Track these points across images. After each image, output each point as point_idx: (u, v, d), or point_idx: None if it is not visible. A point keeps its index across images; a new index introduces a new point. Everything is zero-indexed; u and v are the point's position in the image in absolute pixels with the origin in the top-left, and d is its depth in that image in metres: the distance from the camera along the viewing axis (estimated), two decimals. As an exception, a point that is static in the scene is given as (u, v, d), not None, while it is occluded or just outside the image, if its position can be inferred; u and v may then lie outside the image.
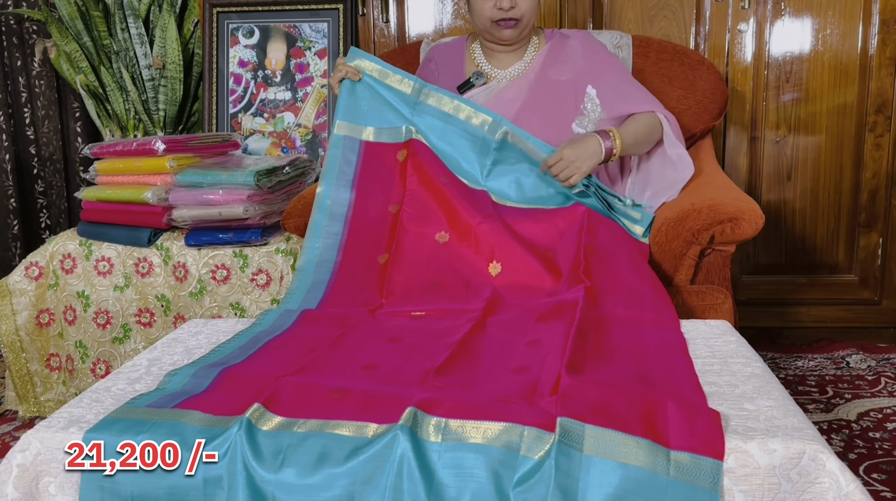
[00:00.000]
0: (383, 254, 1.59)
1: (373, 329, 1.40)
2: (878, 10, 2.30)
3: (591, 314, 1.35)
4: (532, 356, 1.22)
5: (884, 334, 2.49)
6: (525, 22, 1.77)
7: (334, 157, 1.68)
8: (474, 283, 1.54)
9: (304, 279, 1.58)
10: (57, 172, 2.88)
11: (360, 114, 1.71)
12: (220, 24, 2.47)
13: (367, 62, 1.73)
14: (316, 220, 1.64)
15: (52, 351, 2.14)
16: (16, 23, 2.79)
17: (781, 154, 2.42)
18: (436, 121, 1.71)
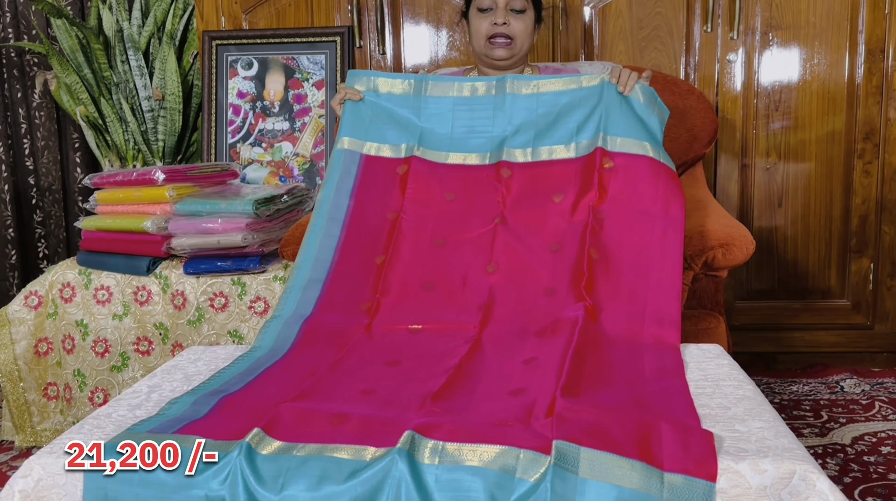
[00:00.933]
0: (380, 256, 1.60)
1: (370, 350, 1.41)
2: (864, 40, 2.35)
3: (590, 333, 1.36)
4: (529, 377, 1.24)
5: (877, 358, 2.51)
6: (518, 44, 1.88)
7: (335, 169, 1.71)
8: (471, 281, 1.54)
9: (300, 276, 1.58)
10: (56, 202, 2.91)
11: (363, 131, 1.74)
12: (219, 57, 2.51)
13: (365, 79, 1.77)
14: (315, 222, 1.65)
15: (50, 380, 2.14)
16: (17, 55, 2.84)
17: (772, 181, 2.45)
18: (443, 108, 1.74)
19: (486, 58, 1.91)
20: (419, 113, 1.74)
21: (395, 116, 1.74)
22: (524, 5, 1.87)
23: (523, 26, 1.87)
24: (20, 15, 2.81)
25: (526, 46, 1.91)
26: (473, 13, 1.90)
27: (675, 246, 1.49)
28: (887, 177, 2.41)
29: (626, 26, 2.40)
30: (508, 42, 1.87)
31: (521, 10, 1.87)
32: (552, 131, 1.68)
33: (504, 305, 1.50)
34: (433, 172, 1.69)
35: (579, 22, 2.42)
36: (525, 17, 1.88)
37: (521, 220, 1.61)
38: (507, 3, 1.85)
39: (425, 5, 2.47)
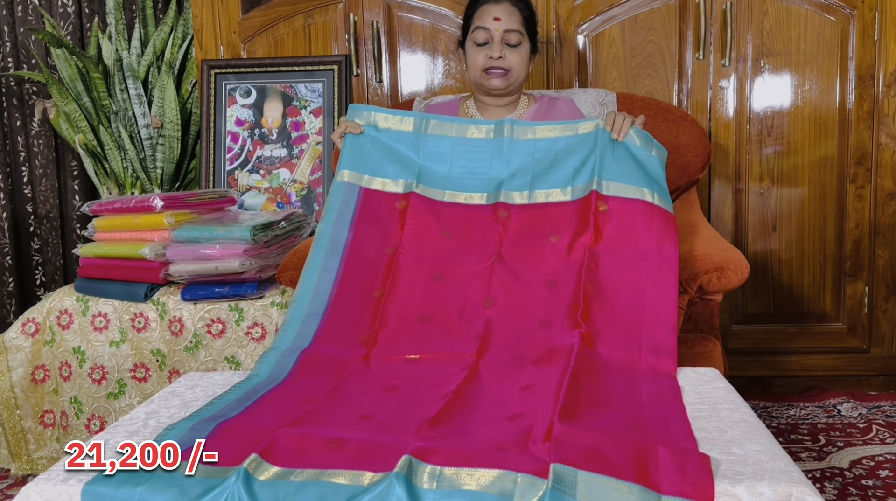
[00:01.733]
0: (378, 289, 1.61)
1: (368, 377, 1.41)
2: (855, 66, 2.39)
3: (586, 359, 1.36)
4: (526, 402, 1.24)
5: (874, 382, 2.51)
6: (514, 75, 1.91)
7: (334, 201, 1.72)
8: (468, 315, 1.55)
9: (299, 309, 1.59)
10: (53, 230, 2.92)
11: (362, 164, 1.76)
12: (217, 85, 2.54)
13: (366, 113, 1.80)
14: (313, 255, 1.65)
15: (47, 408, 2.14)
16: (16, 84, 2.86)
17: (766, 205, 2.47)
18: (442, 148, 1.76)
19: (483, 87, 1.94)
20: (418, 150, 1.76)
21: (395, 152, 1.76)
22: (519, 39, 1.90)
23: (519, 58, 1.90)
24: (20, 44, 2.84)
25: (522, 77, 1.94)
26: (470, 45, 1.93)
27: (669, 282, 1.51)
28: (880, 201, 2.43)
29: (620, 54, 2.44)
30: (504, 73, 1.90)
31: (517, 43, 1.90)
32: (548, 175, 1.71)
33: (500, 336, 1.51)
34: (431, 209, 1.71)
35: (573, 50, 2.45)
36: (520, 49, 1.90)
37: (517, 258, 1.63)
38: (502, 37, 1.88)
39: (421, 34, 2.50)
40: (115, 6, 2.62)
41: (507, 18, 1.88)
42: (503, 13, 1.88)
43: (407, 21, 2.50)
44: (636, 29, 2.42)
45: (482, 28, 1.88)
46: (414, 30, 2.50)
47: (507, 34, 1.88)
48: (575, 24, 2.44)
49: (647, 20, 2.41)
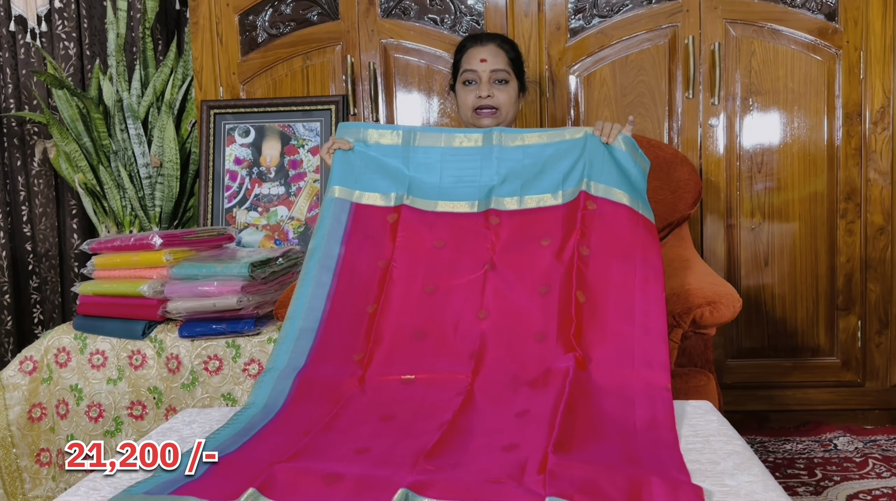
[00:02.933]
0: (372, 305, 1.61)
1: (364, 405, 1.42)
2: (842, 104, 2.44)
3: (580, 385, 1.36)
4: (521, 431, 1.25)
5: (869, 416, 2.52)
6: (503, 112, 1.98)
7: (325, 217, 1.73)
8: (462, 329, 1.55)
9: (292, 326, 1.58)
10: (52, 268, 2.94)
11: (352, 179, 1.77)
12: (217, 125, 2.58)
13: (354, 130, 1.82)
14: (307, 270, 1.66)
15: (43, 446, 2.13)
16: (17, 125, 2.90)
17: (758, 240, 2.50)
18: (432, 159, 1.78)
19: (474, 126, 2.00)
20: (408, 162, 1.78)
21: (384, 166, 1.78)
22: (506, 77, 1.98)
23: (507, 96, 1.98)
24: (22, 86, 2.89)
25: (511, 114, 2.01)
26: (460, 87, 2.02)
27: (656, 290, 1.52)
28: (870, 235, 2.46)
29: (611, 93, 2.49)
30: (494, 111, 1.98)
31: (505, 80, 1.98)
32: (539, 181, 1.73)
33: (495, 351, 1.51)
34: (422, 220, 1.72)
35: (566, 89, 2.50)
36: (509, 87, 1.99)
37: (510, 265, 1.63)
38: (490, 76, 1.97)
39: (417, 75, 2.55)
40: (117, 48, 2.67)
41: (493, 59, 1.97)
42: (489, 54, 1.98)
43: (403, 62, 2.55)
44: (627, 69, 2.47)
45: (470, 70, 1.98)
46: (410, 70, 2.55)
47: (494, 73, 1.97)
48: (567, 65, 2.49)
49: (637, 61, 2.47)
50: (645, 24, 2.46)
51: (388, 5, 2.54)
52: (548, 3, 2.48)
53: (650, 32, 2.46)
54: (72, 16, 2.82)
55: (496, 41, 2.03)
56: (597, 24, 2.48)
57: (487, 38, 2.04)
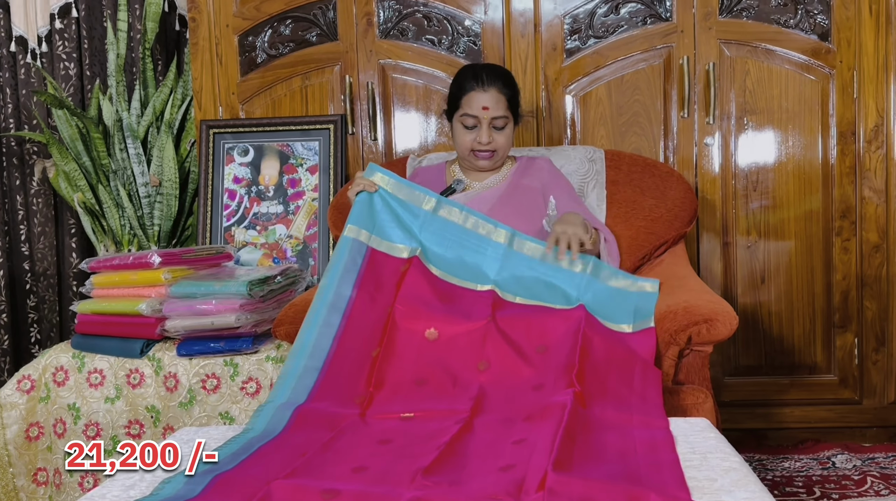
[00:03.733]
0: (375, 349, 1.64)
1: (362, 431, 1.42)
2: (836, 123, 2.46)
3: (579, 417, 1.38)
4: (519, 454, 1.25)
5: (867, 433, 2.52)
6: (500, 154, 2.02)
7: (341, 256, 1.75)
8: (462, 379, 1.58)
9: (296, 363, 1.60)
10: (50, 287, 2.94)
11: (371, 224, 1.81)
12: (216, 144, 2.60)
13: (380, 175, 1.86)
14: (315, 309, 1.67)
15: (40, 466, 2.13)
16: (17, 144, 2.92)
17: (754, 258, 2.52)
18: (446, 231, 1.84)
19: (470, 165, 2.05)
20: (422, 227, 1.83)
21: (402, 221, 1.83)
22: (505, 122, 1.99)
23: (505, 139, 2.01)
24: (21, 106, 2.91)
25: (508, 150, 2.05)
26: (458, 125, 2.01)
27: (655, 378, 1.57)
28: (866, 253, 2.48)
29: (607, 113, 2.51)
30: (491, 154, 2.00)
31: (503, 126, 1.99)
32: (542, 293, 1.80)
33: (494, 398, 1.53)
34: (428, 276, 1.77)
35: (562, 109, 2.52)
36: (506, 130, 2.01)
37: (509, 322, 1.68)
38: (490, 123, 1.97)
39: (415, 94, 2.57)
40: (117, 69, 2.69)
41: (494, 106, 1.97)
42: (491, 102, 1.97)
43: (401, 82, 2.58)
44: (622, 89, 2.50)
45: (471, 116, 1.97)
46: (408, 90, 2.58)
47: (495, 120, 1.98)
48: (563, 85, 2.51)
49: (632, 80, 2.49)
50: (640, 44, 2.49)
51: (386, 26, 2.57)
52: (544, 25, 2.51)
53: (645, 53, 2.49)
54: (72, 36, 2.85)
55: (498, 85, 1.99)
56: (592, 45, 2.51)
57: (490, 81, 1.98)
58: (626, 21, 2.50)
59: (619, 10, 2.50)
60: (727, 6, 2.46)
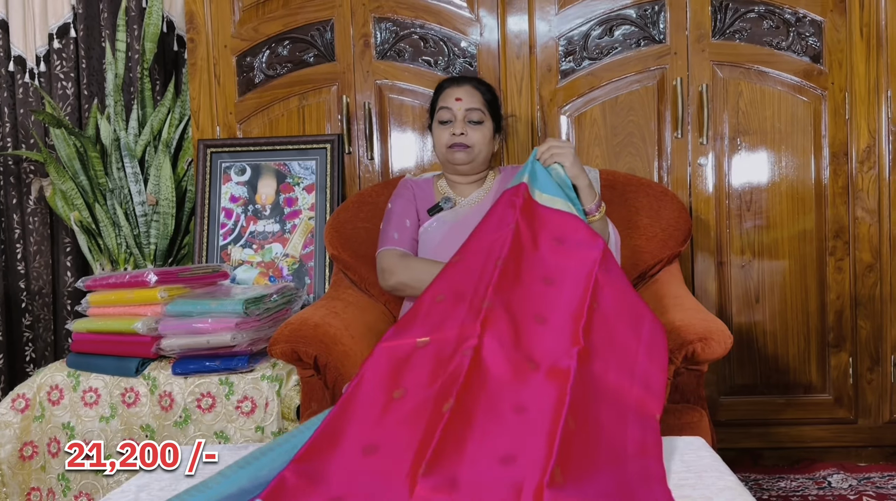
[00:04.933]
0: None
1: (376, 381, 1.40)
2: (828, 143, 2.48)
3: (581, 388, 1.34)
4: (518, 435, 1.24)
5: (863, 453, 2.52)
6: (476, 150, 2.04)
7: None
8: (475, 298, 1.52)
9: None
10: (45, 306, 2.93)
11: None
12: (213, 163, 2.61)
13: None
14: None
15: (34, 485, 2.11)
16: (14, 163, 2.93)
17: (748, 278, 2.53)
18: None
19: (448, 162, 2.07)
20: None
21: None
22: (481, 117, 2.04)
23: (480, 136, 2.03)
24: (19, 125, 2.92)
25: (485, 153, 2.06)
26: (436, 125, 2.07)
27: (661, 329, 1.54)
28: (859, 273, 2.49)
29: (601, 133, 2.53)
30: (466, 147, 2.02)
31: (479, 121, 2.04)
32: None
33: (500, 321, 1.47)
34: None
35: (556, 129, 2.54)
36: (483, 127, 2.04)
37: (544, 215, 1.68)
38: (464, 115, 2.02)
39: (411, 114, 2.59)
40: (115, 88, 2.70)
41: (468, 98, 2.03)
42: (464, 94, 2.04)
43: (397, 102, 2.60)
44: (617, 109, 2.52)
45: (445, 108, 2.04)
46: (404, 110, 2.60)
47: (469, 112, 2.02)
48: (558, 105, 2.54)
49: (626, 101, 2.52)
50: (634, 66, 2.51)
51: (383, 47, 2.59)
52: (539, 46, 2.53)
53: (639, 74, 2.51)
54: (70, 56, 2.87)
55: (472, 82, 2.09)
56: (587, 66, 2.53)
57: (464, 80, 2.10)
58: (620, 43, 2.52)
59: (614, 33, 2.53)
60: (720, 28, 2.49)
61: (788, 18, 2.48)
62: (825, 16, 2.46)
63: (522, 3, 2.53)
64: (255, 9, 2.62)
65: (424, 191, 2.14)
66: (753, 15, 2.48)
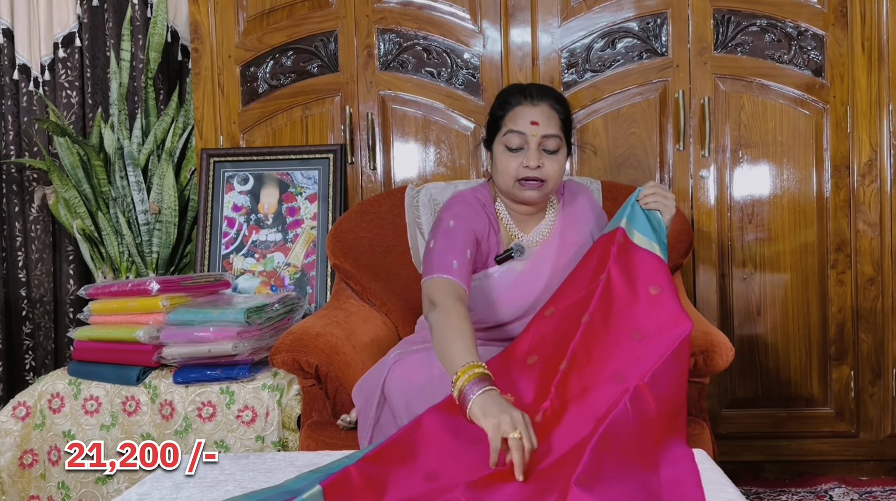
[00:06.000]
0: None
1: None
2: (830, 156, 2.49)
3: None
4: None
5: (864, 467, 2.51)
6: (550, 185, 1.74)
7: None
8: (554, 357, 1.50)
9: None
10: (46, 314, 2.93)
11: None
12: (216, 173, 2.62)
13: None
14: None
15: (34, 493, 2.11)
16: (17, 171, 2.93)
17: (750, 291, 2.53)
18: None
19: (515, 197, 1.77)
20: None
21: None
22: (558, 145, 1.71)
23: (557, 166, 1.71)
24: (23, 133, 2.92)
25: (557, 186, 1.77)
26: (501, 150, 1.73)
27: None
28: (861, 286, 2.49)
29: (603, 145, 2.54)
30: (540, 184, 1.71)
31: (555, 149, 1.71)
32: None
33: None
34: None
35: (560, 140, 2.55)
36: (559, 156, 1.72)
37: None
38: (539, 143, 1.69)
39: (413, 125, 2.60)
40: (119, 97, 2.72)
41: (545, 123, 1.69)
42: (541, 117, 1.69)
43: (400, 113, 2.60)
44: (618, 121, 2.53)
45: (517, 133, 1.69)
46: (407, 121, 2.60)
47: (545, 140, 1.69)
48: (561, 117, 2.54)
49: (628, 113, 2.53)
50: (636, 78, 2.52)
51: (386, 59, 2.60)
52: (542, 58, 2.54)
53: (641, 87, 2.52)
54: (75, 65, 2.88)
55: (548, 100, 1.73)
56: (589, 79, 2.54)
57: (539, 96, 1.73)
58: (622, 56, 2.53)
59: (616, 45, 2.54)
60: (722, 42, 2.50)
61: (790, 32, 2.49)
62: (827, 30, 2.47)
63: (525, 16, 2.54)
64: (260, 19, 2.64)
65: (487, 213, 1.80)
66: (755, 28, 2.49)
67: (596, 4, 2.53)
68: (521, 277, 1.78)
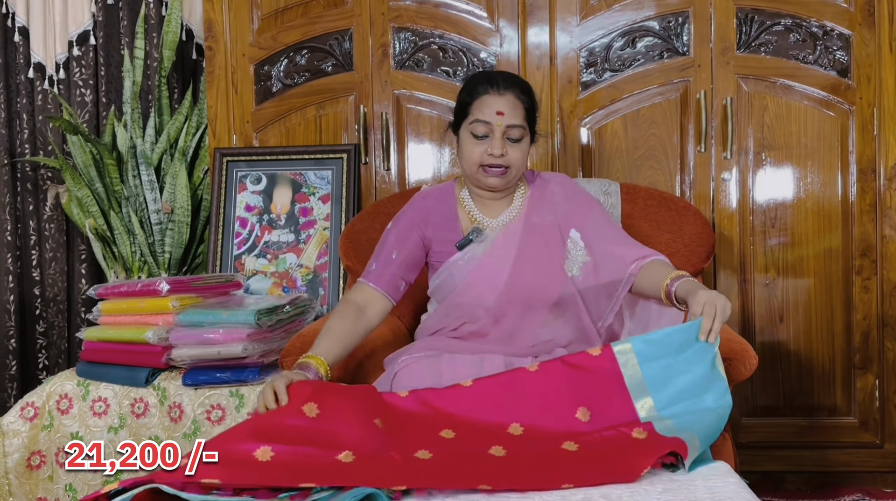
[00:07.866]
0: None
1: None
2: (856, 159, 2.42)
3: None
4: None
5: (889, 479, 2.44)
6: (513, 172, 1.78)
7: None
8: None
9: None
10: (59, 313, 2.92)
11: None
12: (229, 172, 2.59)
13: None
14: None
15: (41, 495, 2.09)
16: (31, 170, 2.92)
17: (772, 296, 2.47)
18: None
19: (479, 183, 1.82)
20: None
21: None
22: (522, 134, 1.76)
23: (520, 154, 1.77)
24: (37, 132, 2.92)
25: (520, 173, 1.81)
26: (466, 136, 1.78)
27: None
28: (887, 293, 2.42)
29: (622, 146, 2.48)
30: (503, 171, 1.76)
31: (519, 138, 1.76)
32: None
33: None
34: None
35: (577, 142, 2.50)
36: (522, 144, 1.77)
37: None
38: (504, 132, 1.74)
39: (428, 125, 2.56)
40: (132, 96, 2.70)
41: (510, 113, 1.74)
42: (507, 107, 1.74)
43: (415, 113, 2.57)
44: (638, 122, 2.48)
45: (482, 121, 1.74)
46: (421, 121, 2.57)
47: (510, 129, 1.74)
48: (578, 118, 2.50)
49: (648, 114, 2.47)
50: (656, 78, 2.47)
51: (401, 57, 2.57)
52: (560, 57, 2.50)
53: (662, 87, 2.47)
54: (89, 63, 2.87)
55: (514, 90, 1.77)
56: (608, 79, 2.49)
57: (506, 86, 1.77)
58: (642, 55, 2.48)
59: (636, 45, 2.49)
60: (745, 41, 2.44)
61: (815, 32, 2.42)
62: (853, 29, 2.40)
63: (543, 14, 2.49)
64: (274, 17, 2.61)
65: (443, 204, 1.87)
66: (780, 28, 2.44)
67: (616, 3, 2.48)
68: (486, 260, 1.80)
